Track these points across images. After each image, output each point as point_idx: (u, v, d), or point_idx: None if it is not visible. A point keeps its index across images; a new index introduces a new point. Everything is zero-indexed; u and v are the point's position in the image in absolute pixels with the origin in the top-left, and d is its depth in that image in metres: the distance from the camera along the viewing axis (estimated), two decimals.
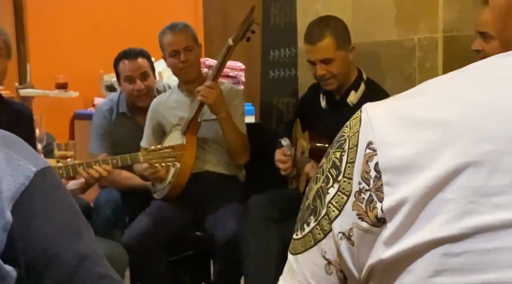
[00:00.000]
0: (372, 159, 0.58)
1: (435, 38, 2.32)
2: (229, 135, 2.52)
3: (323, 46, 2.26)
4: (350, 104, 2.30)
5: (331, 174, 0.61)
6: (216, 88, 2.45)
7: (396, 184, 0.56)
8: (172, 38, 2.61)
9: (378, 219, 0.57)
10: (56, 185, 0.68)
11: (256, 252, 2.32)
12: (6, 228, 0.62)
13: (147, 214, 2.50)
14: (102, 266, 0.67)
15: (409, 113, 0.58)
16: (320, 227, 0.62)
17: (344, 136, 0.62)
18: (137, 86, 2.71)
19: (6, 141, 0.66)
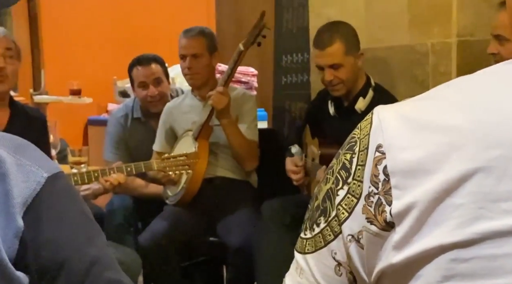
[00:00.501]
0: (381, 162, 0.58)
1: (448, 43, 2.31)
2: (233, 141, 2.51)
3: (332, 51, 2.25)
4: (358, 110, 2.29)
5: (341, 176, 0.61)
6: (226, 95, 2.46)
7: (405, 188, 0.56)
8: (183, 42, 2.63)
9: (387, 223, 0.57)
10: (68, 190, 0.68)
11: (268, 258, 2.31)
12: (17, 235, 0.62)
13: (162, 218, 2.52)
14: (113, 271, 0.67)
15: (419, 117, 0.58)
16: (330, 228, 0.62)
17: (355, 138, 0.62)
18: (150, 92, 2.73)
19: (18, 146, 0.66)
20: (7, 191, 0.62)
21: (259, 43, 2.44)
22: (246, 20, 2.93)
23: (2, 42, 2.18)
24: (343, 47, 2.25)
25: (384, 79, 2.50)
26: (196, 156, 2.39)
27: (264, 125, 3.30)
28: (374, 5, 2.57)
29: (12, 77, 2.20)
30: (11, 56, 2.19)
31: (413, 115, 0.58)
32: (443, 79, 2.29)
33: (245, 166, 2.59)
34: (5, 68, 2.16)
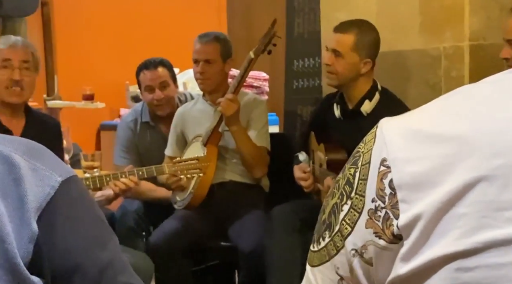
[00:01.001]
0: (387, 176, 0.58)
1: (461, 46, 2.30)
2: (242, 148, 2.51)
3: (341, 39, 2.25)
4: (364, 113, 2.28)
5: (345, 191, 0.62)
6: (235, 102, 2.46)
7: (411, 201, 0.56)
8: (197, 47, 2.64)
9: (395, 236, 0.57)
10: (82, 194, 0.68)
11: (279, 262, 2.31)
12: (32, 239, 0.62)
13: (173, 218, 2.53)
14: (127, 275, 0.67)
15: (422, 128, 0.58)
16: (333, 243, 0.62)
17: (359, 152, 0.62)
18: (156, 95, 2.74)
19: (32, 151, 0.66)
20: (22, 195, 0.63)
21: (269, 51, 2.45)
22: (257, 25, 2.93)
23: (19, 55, 2.17)
24: (354, 41, 2.24)
25: (396, 83, 2.49)
26: (208, 159, 2.40)
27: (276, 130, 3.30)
28: (386, 9, 2.56)
29: (28, 89, 2.20)
30: (27, 68, 2.18)
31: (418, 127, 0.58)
32: (455, 83, 2.28)
33: (254, 173, 2.59)
34: (22, 80, 2.16)
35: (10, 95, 2.16)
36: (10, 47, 2.17)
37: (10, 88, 2.15)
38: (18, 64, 2.16)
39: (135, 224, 2.63)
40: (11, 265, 0.61)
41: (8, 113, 2.21)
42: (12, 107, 2.21)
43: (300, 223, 2.35)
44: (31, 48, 2.24)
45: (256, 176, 2.61)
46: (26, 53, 2.19)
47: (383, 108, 2.23)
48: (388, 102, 2.24)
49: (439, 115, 0.59)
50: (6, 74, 2.15)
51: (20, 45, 2.19)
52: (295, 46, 3.21)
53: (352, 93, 2.32)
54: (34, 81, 2.24)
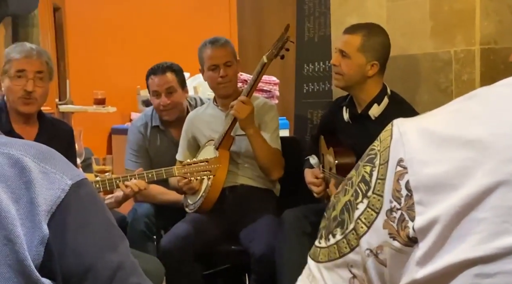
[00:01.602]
0: (403, 177, 0.57)
1: (472, 50, 2.29)
2: (259, 151, 2.52)
3: (348, 40, 2.25)
4: (372, 117, 2.28)
5: (361, 189, 0.61)
6: (249, 104, 2.47)
7: (428, 203, 0.56)
8: (212, 52, 2.63)
9: (410, 239, 0.56)
10: (92, 197, 0.69)
11: (290, 266, 2.30)
12: (43, 241, 0.63)
13: (185, 222, 2.53)
14: (137, 277, 0.68)
15: (440, 131, 0.57)
16: (346, 241, 0.62)
17: (375, 150, 0.61)
18: (162, 101, 2.75)
19: (43, 155, 0.67)
20: (33, 198, 0.64)
21: (282, 56, 2.46)
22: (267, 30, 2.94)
23: (34, 66, 2.18)
24: (361, 43, 2.23)
25: (407, 87, 2.49)
26: (218, 161, 2.39)
27: (286, 134, 3.30)
28: (397, 13, 2.56)
29: (40, 98, 2.22)
30: (41, 78, 2.19)
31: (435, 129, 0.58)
32: (466, 87, 2.27)
33: (272, 175, 2.59)
34: (35, 91, 2.17)
35: (22, 105, 2.18)
36: (25, 57, 2.17)
37: (23, 98, 2.17)
38: (32, 75, 2.17)
39: (146, 227, 2.63)
40: (22, 267, 0.61)
41: (21, 121, 2.23)
42: (25, 115, 2.22)
43: (310, 227, 2.35)
44: (45, 56, 2.24)
45: (273, 178, 2.61)
46: (41, 63, 2.20)
47: (391, 112, 2.23)
48: (397, 107, 2.24)
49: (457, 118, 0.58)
50: (20, 84, 2.16)
51: (35, 55, 2.19)
52: (305, 50, 3.21)
53: (361, 97, 2.32)
54: (47, 90, 2.25)
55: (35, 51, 2.20)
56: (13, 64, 2.16)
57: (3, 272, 0.61)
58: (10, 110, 2.21)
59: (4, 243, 0.61)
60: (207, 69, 2.63)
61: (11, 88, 2.18)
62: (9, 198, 0.63)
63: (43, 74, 2.19)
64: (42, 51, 2.26)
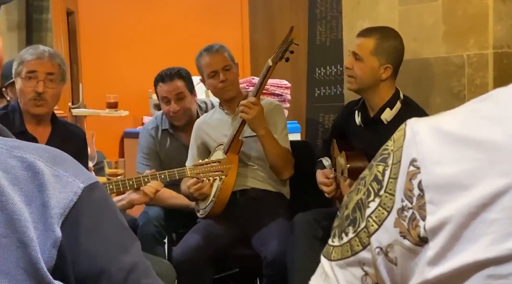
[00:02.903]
0: (416, 177, 0.58)
1: (485, 54, 2.28)
2: (270, 151, 2.51)
3: (362, 42, 2.25)
4: (384, 121, 2.27)
5: (373, 188, 0.61)
6: (257, 104, 2.47)
7: (440, 203, 0.56)
8: (209, 59, 2.64)
9: (421, 238, 0.56)
10: (104, 200, 0.69)
11: (301, 270, 2.30)
12: (56, 244, 0.63)
13: (195, 231, 2.53)
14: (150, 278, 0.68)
15: (454, 131, 0.57)
16: (358, 239, 0.62)
17: (388, 150, 0.62)
18: (172, 107, 2.76)
19: (55, 158, 0.68)
20: (45, 201, 0.64)
21: (287, 58, 2.45)
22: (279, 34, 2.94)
23: (45, 67, 2.18)
24: (373, 46, 2.24)
25: (419, 91, 2.48)
26: (229, 161, 2.38)
27: (297, 137, 3.30)
28: (409, 17, 2.55)
29: (51, 100, 2.22)
30: (52, 80, 2.19)
31: (448, 129, 0.58)
32: (479, 91, 2.26)
33: (283, 175, 2.59)
34: (45, 92, 2.18)
35: (33, 106, 2.19)
36: (37, 58, 2.18)
37: (33, 100, 2.18)
38: (43, 76, 2.17)
39: (156, 231, 2.64)
40: (35, 270, 0.62)
41: (34, 122, 2.24)
42: (38, 117, 2.24)
43: (322, 231, 2.34)
44: (58, 59, 2.24)
45: (284, 178, 2.61)
46: (52, 65, 2.20)
47: (403, 117, 2.20)
48: (409, 111, 2.23)
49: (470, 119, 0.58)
50: (31, 85, 2.17)
51: (46, 56, 2.19)
52: (317, 54, 3.21)
53: (373, 100, 2.31)
54: (58, 92, 2.25)
55: (47, 53, 2.20)
56: (25, 66, 2.18)
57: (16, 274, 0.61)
58: (23, 111, 2.22)
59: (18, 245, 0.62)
60: (207, 77, 2.64)
61: (22, 89, 2.19)
62: (22, 201, 0.63)
63: (54, 76, 2.20)
64: (55, 53, 2.27)
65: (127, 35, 4.65)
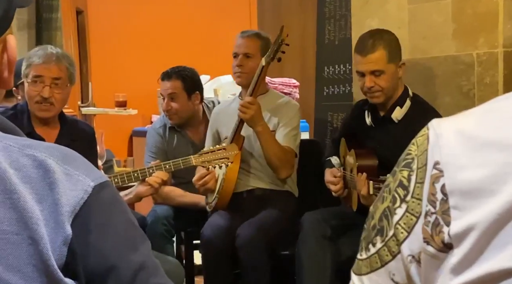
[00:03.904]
0: (439, 181, 0.56)
1: (494, 53, 2.26)
2: (267, 148, 2.50)
3: (374, 57, 2.24)
4: (395, 120, 2.27)
5: (398, 194, 0.60)
6: (254, 104, 2.46)
7: (464, 208, 0.54)
8: (237, 41, 2.67)
9: (445, 245, 0.55)
10: (114, 199, 0.69)
11: (310, 269, 2.30)
12: (66, 242, 0.64)
13: (217, 214, 2.53)
14: (159, 277, 0.68)
15: (478, 134, 0.56)
16: (387, 248, 0.60)
17: (412, 155, 0.60)
18: (164, 105, 2.79)
19: (66, 157, 0.68)
20: (56, 199, 0.65)
21: (279, 58, 2.44)
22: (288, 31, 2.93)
23: (51, 72, 2.16)
24: (386, 54, 2.24)
25: (428, 90, 2.47)
26: (235, 148, 2.34)
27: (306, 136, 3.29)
28: (418, 16, 2.54)
29: (57, 104, 2.19)
30: (58, 84, 2.17)
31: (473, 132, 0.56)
32: (489, 90, 2.25)
33: (279, 173, 2.56)
34: (52, 97, 2.16)
35: (39, 110, 2.18)
36: (43, 63, 2.15)
37: (39, 104, 2.16)
38: (49, 82, 2.15)
39: (165, 229, 2.65)
40: (46, 267, 0.62)
41: (42, 123, 2.23)
42: (45, 120, 2.23)
43: (330, 230, 2.34)
44: (65, 61, 2.21)
45: (280, 177, 2.58)
46: (59, 69, 2.17)
47: (414, 115, 2.22)
48: (419, 109, 2.22)
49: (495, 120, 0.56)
50: (37, 90, 2.15)
51: (54, 60, 2.16)
52: (325, 53, 3.20)
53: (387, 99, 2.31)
54: (65, 95, 2.22)
55: (54, 57, 2.17)
56: (32, 69, 2.16)
57: (28, 271, 0.62)
58: (31, 112, 2.22)
59: (29, 243, 0.62)
60: (233, 56, 2.65)
61: (28, 92, 2.18)
62: (33, 199, 0.64)
63: (60, 80, 2.17)
64: (63, 55, 2.23)
65: (136, 34, 4.66)
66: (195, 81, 2.87)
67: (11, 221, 0.62)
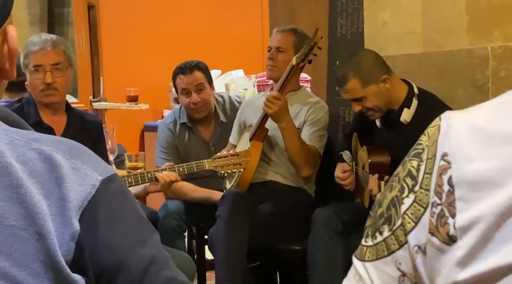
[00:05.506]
0: (446, 172, 0.56)
1: (509, 46, 2.23)
2: (289, 144, 2.49)
3: (348, 88, 2.24)
4: (404, 122, 2.24)
5: (407, 184, 0.60)
6: (281, 99, 2.45)
7: (470, 200, 0.54)
8: (272, 35, 2.70)
9: (450, 237, 0.55)
10: (122, 193, 0.69)
11: (321, 264, 2.29)
12: (74, 237, 0.63)
13: None
14: (169, 270, 0.68)
15: (488, 126, 0.55)
16: (395, 237, 0.60)
17: (422, 145, 0.60)
18: (193, 98, 2.77)
19: (73, 151, 0.67)
20: (64, 194, 0.64)
21: (310, 60, 2.45)
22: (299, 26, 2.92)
23: (50, 59, 2.19)
24: (359, 82, 2.22)
25: (442, 84, 2.44)
26: (248, 154, 2.39)
27: None
28: (431, 8, 2.51)
29: (61, 88, 2.22)
30: (58, 68, 2.20)
31: (483, 124, 0.56)
32: (503, 84, 2.21)
33: (300, 172, 2.56)
34: (54, 82, 2.19)
35: (45, 97, 2.21)
36: (41, 50, 2.18)
37: (44, 91, 2.19)
38: (49, 68, 2.18)
39: (176, 224, 2.65)
40: (53, 263, 0.62)
41: (49, 112, 2.26)
42: (52, 107, 2.25)
43: (342, 225, 2.33)
44: (61, 45, 2.23)
45: (302, 175, 2.58)
46: (57, 54, 2.20)
47: (422, 114, 2.19)
48: (427, 107, 2.19)
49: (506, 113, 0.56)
50: (40, 77, 2.18)
51: (49, 47, 2.19)
52: (337, 47, 3.18)
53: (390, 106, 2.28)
54: (67, 78, 2.25)
55: (49, 43, 2.19)
56: (31, 59, 2.19)
57: (35, 267, 0.61)
58: (37, 102, 2.24)
59: (36, 238, 0.62)
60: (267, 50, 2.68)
61: (32, 82, 2.21)
62: (40, 193, 0.63)
63: (60, 65, 2.20)
64: (59, 40, 2.25)
65: (148, 29, 4.66)
66: (210, 73, 2.88)
67: (18, 216, 0.62)
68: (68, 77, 2.25)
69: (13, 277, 0.60)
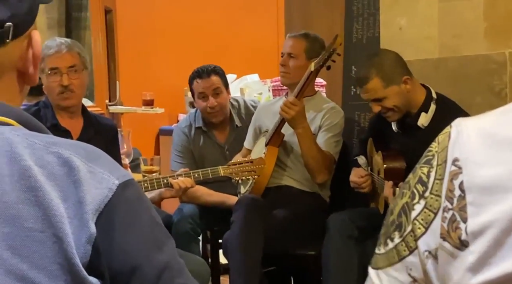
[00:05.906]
0: (457, 177, 0.56)
1: None
2: (306, 150, 2.49)
3: (370, 88, 2.22)
4: (421, 126, 2.22)
5: (417, 190, 0.60)
6: (298, 105, 2.45)
7: (482, 205, 0.54)
8: (286, 40, 2.71)
9: (461, 241, 0.55)
10: (138, 197, 0.69)
11: (336, 270, 2.28)
12: (90, 240, 0.64)
13: None
14: (184, 277, 0.68)
15: (500, 132, 0.55)
16: (405, 243, 0.60)
17: (432, 151, 0.60)
18: (210, 102, 2.78)
19: (91, 155, 0.68)
20: (81, 197, 0.64)
21: (328, 66, 2.44)
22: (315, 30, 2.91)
23: (65, 61, 2.20)
24: (380, 81, 2.20)
25: (459, 90, 2.42)
26: (262, 161, 2.40)
27: None
28: (448, 13, 2.50)
29: (78, 90, 2.24)
30: (75, 70, 2.22)
31: (494, 130, 0.56)
32: None
33: (316, 178, 2.55)
34: (71, 84, 2.20)
35: (63, 100, 2.22)
36: (56, 53, 2.20)
37: (61, 94, 2.21)
38: (65, 70, 2.20)
39: (190, 228, 2.65)
40: (70, 265, 0.62)
41: (65, 115, 2.27)
42: (69, 110, 2.27)
43: (357, 231, 2.32)
44: (76, 48, 2.25)
45: (317, 181, 2.57)
46: (72, 57, 2.22)
47: (440, 119, 2.17)
48: (445, 112, 2.17)
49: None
50: (56, 80, 2.20)
51: (65, 50, 2.20)
52: (353, 51, 3.17)
53: (408, 109, 2.27)
54: (83, 80, 2.26)
55: (64, 46, 2.21)
56: (47, 63, 2.20)
57: (53, 269, 0.62)
58: (54, 105, 2.26)
59: (54, 240, 0.62)
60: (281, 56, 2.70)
61: (48, 85, 2.23)
62: (58, 196, 0.64)
63: (76, 67, 2.22)
64: (73, 44, 2.27)
65: (164, 33, 4.68)
66: (226, 77, 2.89)
67: (36, 219, 0.62)
68: (84, 79, 2.27)
69: (30, 279, 0.61)
